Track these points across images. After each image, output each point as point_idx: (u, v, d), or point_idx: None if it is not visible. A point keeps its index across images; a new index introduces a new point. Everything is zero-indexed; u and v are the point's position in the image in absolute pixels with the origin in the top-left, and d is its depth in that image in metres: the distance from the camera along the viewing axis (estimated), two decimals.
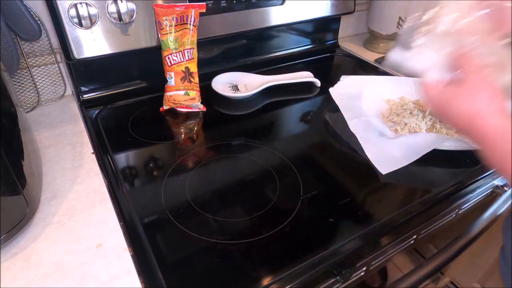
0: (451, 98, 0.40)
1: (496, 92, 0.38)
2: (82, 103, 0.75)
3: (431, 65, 0.44)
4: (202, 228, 0.50)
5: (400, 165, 0.59)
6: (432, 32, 0.45)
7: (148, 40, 0.70)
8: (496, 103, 0.37)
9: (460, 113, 0.39)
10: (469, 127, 0.38)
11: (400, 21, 0.98)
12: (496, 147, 0.36)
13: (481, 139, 0.37)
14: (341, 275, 0.46)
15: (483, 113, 0.37)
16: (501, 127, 0.36)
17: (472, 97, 0.38)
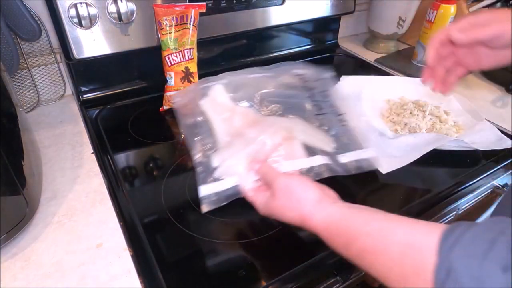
0: (273, 209, 0.44)
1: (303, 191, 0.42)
2: (82, 103, 0.75)
3: (240, 174, 0.49)
4: (202, 228, 0.50)
5: (400, 165, 0.59)
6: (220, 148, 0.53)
7: (148, 40, 0.70)
8: (310, 201, 0.41)
9: (289, 219, 0.43)
10: (302, 225, 0.42)
11: (400, 21, 0.98)
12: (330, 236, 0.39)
13: (316, 232, 0.40)
14: (341, 275, 0.46)
15: (306, 215, 0.41)
16: (328, 223, 0.39)
17: (287, 207, 0.42)
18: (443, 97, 0.77)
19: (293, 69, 0.65)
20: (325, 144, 0.57)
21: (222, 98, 0.59)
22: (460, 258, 0.26)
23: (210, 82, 0.60)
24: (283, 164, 0.51)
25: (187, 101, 0.58)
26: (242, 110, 0.58)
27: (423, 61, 0.95)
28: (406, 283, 0.31)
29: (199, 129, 0.55)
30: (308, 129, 0.58)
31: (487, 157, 0.64)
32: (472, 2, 0.95)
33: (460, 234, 0.28)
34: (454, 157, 0.63)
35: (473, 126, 0.68)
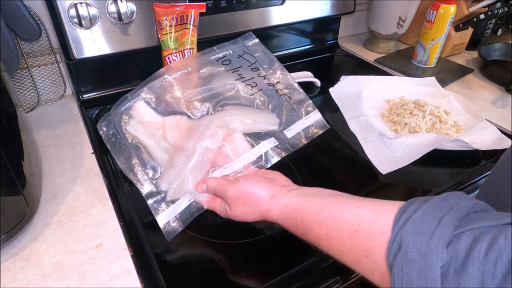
0: (233, 217, 0.45)
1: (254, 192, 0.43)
2: (82, 103, 0.75)
3: (191, 192, 0.49)
4: (202, 228, 0.50)
5: (400, 165, 0.59)
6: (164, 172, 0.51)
7: (148, 40, 0.70)
8: (263, 200, 0.42)
9: (252, 220, 0.44)
10: (265, 220, 0.44)
11: (400, 21, 0.98)
12: (290, 226, 0.41)
13: (278, 223, 0.42)
14: (341, 276, 0.46)
15: (264, 213, 0.42)
16: (285, 215, 0.41)
17: (245, 212, 0.44)
18: (443, 97, 0.77)
19: (212, 56, 0.59)
20: (268, 124, 0.55)
21: (148, 115, 0.53)
22: (410, 234, 0.28)
23: (128, 101, 0.54)
24: (232, 165, 0.50)
25: (113, 130, 0.53)
26: (172, 122, 0.53)
27: (423, 61, 0.95)
28: (360, 265, 0.33)
29: (136, 157, 0.51)
30: (246, 115, 0.54)
31: (487, 157, 0.64)
32: (472, 2, 0.95)
33: (413, 211, 0.29)
34: (454, 157, 0.63)
35: (473, 126, 0.68)
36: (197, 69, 0.57)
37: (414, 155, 0.60)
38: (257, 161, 0.51)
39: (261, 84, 0.57)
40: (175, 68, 0.56)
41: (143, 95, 0.54)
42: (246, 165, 0.51)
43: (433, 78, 0.82)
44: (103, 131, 0.54)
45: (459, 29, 0.98)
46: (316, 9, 0.89)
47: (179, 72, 0.56)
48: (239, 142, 0.52)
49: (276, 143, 0.53)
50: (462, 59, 1.02)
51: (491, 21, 1.04)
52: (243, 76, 0.57)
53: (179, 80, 0.56)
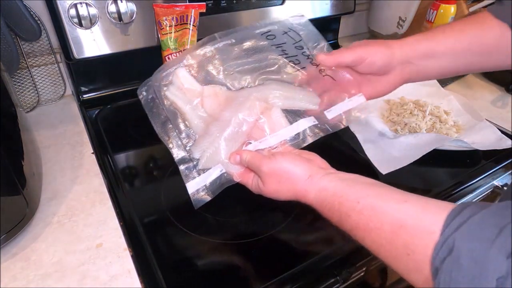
0: (266, 194, 0.44)
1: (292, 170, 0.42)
2: (82, 103, 0.75)
3: (223, 162, 0.48)
4: (202, 228, 0.50)
5: (400, 165, 0.59)
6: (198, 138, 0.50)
7: (148, 40, 0.70)
8: (300, 179, 0.41)
9: (284, 199, 0.43)
10: (299, 200, 0.42)
11: (400, 21, 0.98)
12: (326, 211, 0.39)
13: (313, 207, 0.41)
14: (341, 275, 0.46)
15: (299, 193, 0.41)
16: (321, 199, 0.39)
17: (279, 191, 0.43)
18: (443, 97, 0.77)
19: (256, 29, 0.56)
20: (308, 103, 0.52)
21: (188, 82, 0.53)
22: (465, 240, 0.26)
23: (170, 67, 0.53)
24: (268, 140, 0.48)
25: (153, 95, 0.53)
26: (211, 91, 0.53)
27: None
28: (398, 263, 0.31)
29: (172, 123, 0.51)
30: (286, 91, 0.53)
31: (487, 157, 0.64)
32: (472, 2, 0.95)
33: (468, 216, 0.27)
34: (454, 157, 0.63)
35: (473, 126, 0.68)
36: (241, 41, 0.55)
37: (414, 155, 0.60)
38: (294, 138, 0.49)
39: (304, 62, 0.55)
40: (219, 37, 0.55)
41: (185, 62, 0.54)
42: (282, 142, 0.49)
43: None
44: (143, 96, 0.53)
45: None
46: (316, 9, 0.89)
47: (222, 43, 0.55)
48: (276, 118, 0.50)
49: (315, 122, 0.51)
50: None
51: None
52: (287, 52, 0.55)
53: (221, 50, 0.54)
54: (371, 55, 0.47)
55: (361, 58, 0.47)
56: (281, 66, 0.55)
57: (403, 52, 0.47)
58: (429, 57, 0.48)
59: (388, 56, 0.47)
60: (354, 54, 0.47)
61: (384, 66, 0.48)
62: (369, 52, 0.47)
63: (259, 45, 0.55)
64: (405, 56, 0.48)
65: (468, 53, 0.47)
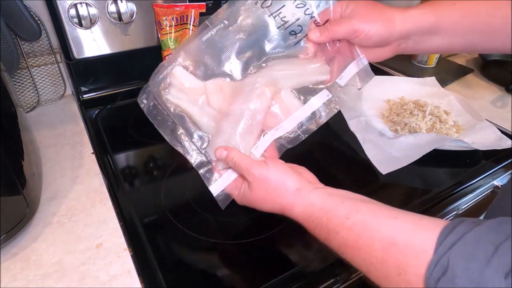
0: (251, 201, 0.42)
1: (281, 180, 0.40)
2: (82, 103, 0.75)
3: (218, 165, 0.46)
4: (202, 228, 0.50)
5: (400, 165, 0.59)
6: None
7: (148, 40, 0.70)
8: (288, 191, 0.39)
9: (268, 210, 0.42)
10: (283, 214, 0.41)
11: None
12: (312, 227, 0.38)
13: (298, 222, 0.40)
14: (341, 276, 0.46)
15: (286, 206, 0.40)
16: (309, 214, 0.38)
17: (265, 199, 0.41)
18: (443, 97, 0.77)
19: None
20: (318, 74, 0.49)
21: (187, 81, 0.49)
22: (459, 259, 0.25)
23: (166, 67, 0.50)
24: (284, 126, 0.46)
25: (154, 101, 0.50)
26: (215, 86, 0.49)
27: (423, 61, 0.95)
28: (388, 283, 0.30)
29: (181, 128, 0.48)
30: (293, 68, 0.49)
31: (487, 157, 0.64)
32: None
33: (462, 233, 0.26)
34: (454, 157, 0.63)
35: (473, 126, 0.68)
36: (235, 19, 0.50)
37: (414, 155, 0.60)
38: (311, 118, 0.47)
39: (307, 25, 0.49)
40: (210, 24, 0.51)
41: (180, 59, 0.50)
42: (299, 124, 0.47)
43: (433, 78, 0.82)
44: (144, 104, 0.50)
45: None
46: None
47: (215, 29, 0.50)
48: (288, 100, 0.47)
49: (329, 96, 0.48)
50: (462, 59, 1.02)
51: None
52: (287, 19, 0.49)
53: (215, 38, 0.50)
54: (368, 29, 0.42)
55: (356, 31, 0.43)
56: (282, 40, 0.50)
57: (405, 27, 0.43)
58: (432, 34, 0.44)
59: (387, 32, 0.43)
60: (350, 27, 0.43)
61: (380, 41, 0.44)
62: (366, 26, 0.42)
63: (255, 18, 0.50)
64: (405, 32, 0.43)
65: (474, 32, 0.43)
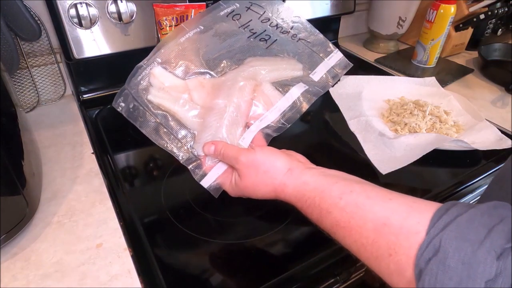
0: (243, 189, 0.42)
1: (271, 162, 0.40)
2: (82, 103, 0.75)
3: None
4: (202, 228, 0.50)
5: (400, 165, 0.59)
6: None
7: (148, 40, 0.70)
8: (279, 172, 0.39)
9: (262, 195, 0.42)
10: (277, 198, 0.41)
11: (400, 21, 0.98)
12: (305, 207, 0.37)
13: (291, 203, 0.40)
14: (341, 275, 0.46)
15: (278, 187, 0.39)
16: (301, 193, 0.38)
17: (257, 183, 0.40)
18: (443, 97, 0.77)
19: (220, 11, 0.55)
20: (293, 70, 0.52)
21: (168, 80, 0.50)
22: (452, 240, 0.25)
23: (144, 69, 0.51)
24: (267, 116, 0.48)
25: (134, 103, 0.49)
26: (196, 83, 0.50)
27: (423, 61, 0.95)
28: (378, 264, 0.30)
29: (165, 127, 0.48)
30: (270, 64, 0.52)
31: (487, 157, 0.64)
32: (472, 2, 0.95)
33: (455, 215, 0.26)
34: (454, 157, 0.63)
35: (473, 126, 0.68)
36: (210, 26, 0.54)
37: (414, 155, 0.60)
38: (292, 107, 0.49)
39: (275, 35, 0.54)
40: (187, 28, 0.53)
41: (158, 60, 0.51)
42: (282, 114, 0.48)
43: (433, 78, 0.82)
44: (122, 107, 0.49)
45: (459, 29, 0.98)
46: (316, 9, 0.89)
47: (192, 32, 0.53)
48: (269, 92, 0.49)
49: (306, 87, 0.50)
50: (462, 59, 1.02)
51: (491, 21, 1.04)
52: (255, 31, 0.54)
53: (193, 40, 0.53)
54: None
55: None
56: (253, 45, 0.54)
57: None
58: None
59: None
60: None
61: None
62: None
63: (228, 28, 0.54)
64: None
65: None
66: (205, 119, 0.48)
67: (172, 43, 0.52)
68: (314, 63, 0.53)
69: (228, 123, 0.46)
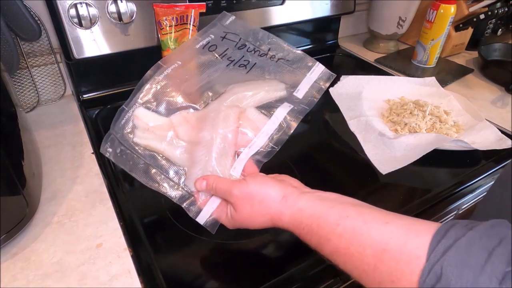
0: (240, 221, 0.41)
1: (264, 192, 0.39)
2: (82, 103, 0.75)
3: None
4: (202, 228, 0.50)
5: (400, 165, 0.59)
6: None
7: (148, 40, 0.70)
8: (274, 200, 0.39)
9: (259, 225, 0.40)
10: (275, 225, 0.40)
11: (400, 21, 0.98)
12: (303, 234, 0.37)
13: (289, 231, 0.39)
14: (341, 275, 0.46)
15: (274, 216, 0.38)
16: (298, 221, 0.37)
17: (253, 215, 0.40)
18: (443, 97, 0.77)
19: (196, 44, 0.55)
20: (276, 91, 0.52)
21: (151, 120, 0.50)
22: (453, 267, 0.25)
23: (126, 112, 0.50)
24: (256, 142, 0.47)
25: (120, 147, 0.48)
26: (180, 119, 0.50)
27: (423, 61, 0.95)
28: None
29: (155, 168, 0.48)
30: (251, 89, 0.52)
31: (487, 157, 0.64)
32: (472, 2, 0.95)
33: (454, 239, 0.26)
34: (454, 157, 0.63)
35: (473, 126, 0.68)
36: (187, 60, 0.54)
37: (414, 155, 0.60)
38: (280, 129, 0.48)
39: (253, 59, 0.54)
40: (164, 64, 0.54)
41: (140, 101, 0.51)
42: (270, 138, 0.47)
43: (433, 78, 0.82)
44: (110, 153, 0.49)
45: (459, 29, 0.98)
46: (316, 9, 0.89)
47: (170, 68, 0.53)
48: (254, 116, 0.49)
49: (291, 106, 0.50)
50: (462, 59, 1.02)
51: (491, 21, 1.04)
52: (233, 59, 0.55)
53: (172, 76, 0.53)
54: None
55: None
56: (233, 73, 0.54)
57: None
58: None
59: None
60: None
61: None
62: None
63: (205, 59, 0.54)
64: None
65: None
66: (193, 154, 0.47)
67: (151, 81, 0.52)
68: (296, 80, 0.52)
69: (216, 155, 0.46)
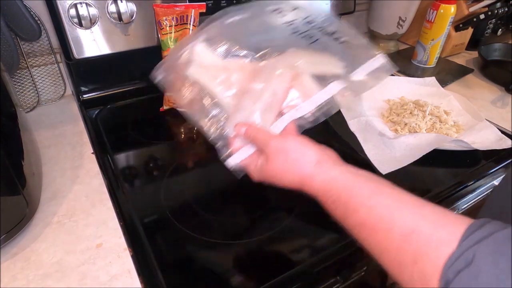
0: (269, 173, 0.40)
1: (301, 152, 0.39)
2: (82, 103, 0.75)
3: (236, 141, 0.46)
4: (202, 228, 0.50)
5: (400, 165, 0.59)
6: None
7: (148, 40, 0.70)
8: (309, 163, 0.38)
9: (287, 183, 0.40)
10: (301, 189, 0.39)
11: (400, 21, 0.98)
12: (329, 202, 0.36)
13: (315, 196, 0.38)
14: (341, 275, 0.46)
15: (306, 178, 0.38)
16: (328, 188, 0.36)
17: (284, 170, 0.39)
18: (443, 97, 0.77)
19: (265, 7, 0.55)
20: (334, 67, 0.51)
21: (209, 58, 0.50)
22: (488, 254, 0.24)
23: (188, 44, 0.50)
24: (303, 107, 0.46)
25: (173, 76, 0.49)
26: (236, 65, 0.50)
27: (423, 61, 0.95)
28: (401, 270, 0.29)
29: (199, 103, 0.48)
30: (312, 57, 0.51)
31: (487, 157, 0.64)
32: (472, 2, 0.95)
33: (491, 231, 0.25)
34: (454, 157, 0.63)
35: (473, 126, 0.68)
36: (256, 15, 0.54)
37: (414, 155, 0.60)
38: (328, 103, 0.47)
39: (318, 35, 0.53)
40: (232, 12, 0.53)
41: (202, 37, 0.51)
42: (318, 107, 0.46)
43: (433, 78, 0.82)
44: (159, 79, 0.50)
45: (459, 29, 0.98)
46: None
47: (238, 17, 0.52)
48: (308, 83, 0.48)
49: (345, 85, 0.49)
50: (462, 59, 1.02)
51: (491, 21, 1.04)
52: (298, 29, 0.54)
53: (236, 24, 0.52)
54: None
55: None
56: (296, 41, 0.52)
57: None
58: None
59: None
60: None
61: None
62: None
63: (271, 22, 0.54)
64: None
65: None
66: (240, 101, 0.47)
67: (217, 22, 0.51)
68: (356, 64, 0.51)
69: (262, 108, 0.45)
